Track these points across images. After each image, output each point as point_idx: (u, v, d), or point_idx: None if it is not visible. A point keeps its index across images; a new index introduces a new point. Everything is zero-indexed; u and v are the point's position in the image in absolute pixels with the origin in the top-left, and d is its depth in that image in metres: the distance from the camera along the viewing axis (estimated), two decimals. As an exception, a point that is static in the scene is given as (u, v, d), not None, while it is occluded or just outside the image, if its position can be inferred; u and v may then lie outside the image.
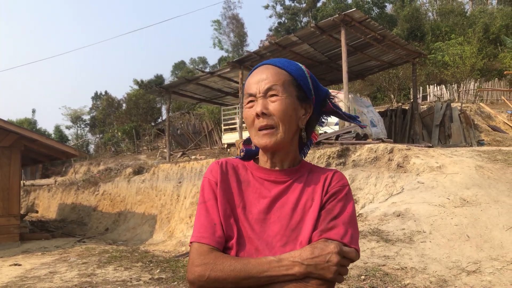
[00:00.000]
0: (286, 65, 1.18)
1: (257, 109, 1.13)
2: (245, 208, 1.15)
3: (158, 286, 5.64)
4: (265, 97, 1.14)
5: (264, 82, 1.14)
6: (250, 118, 1.15)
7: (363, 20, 10.86)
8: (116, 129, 32.96)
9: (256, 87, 1.15)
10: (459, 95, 22.28)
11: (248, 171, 1.22)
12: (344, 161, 8.49)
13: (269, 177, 1.18)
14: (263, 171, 1.20)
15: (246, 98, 1.18)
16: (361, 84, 23.88)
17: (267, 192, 1.16)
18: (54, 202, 18.51)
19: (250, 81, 1.18)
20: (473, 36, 24.98)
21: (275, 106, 1.13)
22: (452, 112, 15.11)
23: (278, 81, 1.14)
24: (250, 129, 1.17)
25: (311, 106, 1.22)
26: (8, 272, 7.14)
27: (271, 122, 1.13)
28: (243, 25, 51.51)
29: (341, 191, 1.15)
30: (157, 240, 10.76)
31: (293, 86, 1.16)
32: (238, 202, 1.16)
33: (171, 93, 16.38)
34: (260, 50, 12.93)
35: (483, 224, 5.27)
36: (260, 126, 1.13)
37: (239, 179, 1.19)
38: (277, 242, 1.09)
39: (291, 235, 1.10)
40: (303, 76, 1.19)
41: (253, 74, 1.19)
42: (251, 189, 1.18)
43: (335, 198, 1.14)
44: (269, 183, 1.18)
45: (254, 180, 1.19)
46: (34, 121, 43.51)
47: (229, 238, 1.11)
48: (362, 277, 4.14)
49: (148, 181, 13.16)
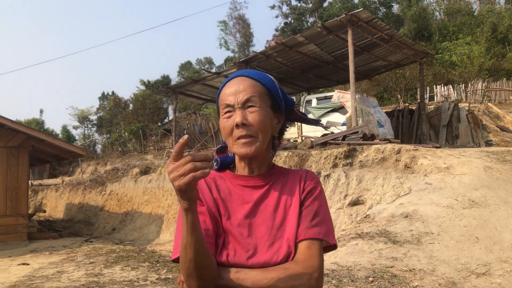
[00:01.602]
0: (260, 77, 1.25)
1: (237, 120, 1.17)
2: (231, 216, 1.20)
3: (165, 286, 5.65)
4: (243, 108, 1.19)
5: (242, 93, 1.19)
6: (229, 128, 1.20)
7: (370, 20, 10.82)
8: (123, 129, 33.08)
9: (234, 98, 1.19)
10: (467, 95, 22.11)
11: (226, 180, 1.27)
12: (351, 162, 8.46)
13: (248, 183, 1.24)
14: (241, 178, 1.25)
15: (223, 108, 1.21)
16: (368, 84, 23.79)
17: (249, 197, 1.22)
18: (61, 202, 18.62)
19: (226, 91, 1.22)
20: (481, 36, 24.81)
21: (254, 117, 1.18)
22: (459, 112, 15.00)
23: (255, 93, 1.20)
24: (228, 138, 1.21)
25: (282, 115, 1.30)
26: (17, 271, 7.19)
27: (250, 132, 1.18)
28: (249, 26, 51.57)
29: (315, 188, 1.24)
30: (163, 240, 10.78)
31: (267, 97, 1.23)
32: (223, 211, 1.20)
33: (178, 93, 16.42)
34: (266, 51, 12.92)
35: (492, 226, 5.23)
36: (240, 135, 1.18)
37: (219, 189, 1.24)
38: (265, 242, 1.16)
39: (276, 234, 1.17)
40: (275, 88, 1.26)
41: (229, 85, 1.23)
42: (232, 196, 1.23)
43: (312, 195, 1.22)
44: (249, 189, 1.23)
45: (234, 188, 1.24)
46: (42, 121, 43.81)
47: (219, 243, 1.17)
48: (370, 278, 4.11)
49: (155, 181, 13.20)
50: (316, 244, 1.15)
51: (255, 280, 1.08)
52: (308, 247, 1.14)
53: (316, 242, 1.15)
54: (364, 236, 5.25)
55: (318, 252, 1.14)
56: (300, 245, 1.15)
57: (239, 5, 58.43)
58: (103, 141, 39.24)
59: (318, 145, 9.89)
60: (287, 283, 1.07)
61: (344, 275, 4.21)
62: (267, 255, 1.14)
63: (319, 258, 1.14)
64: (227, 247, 1.16)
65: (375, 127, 11.70)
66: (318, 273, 1.11)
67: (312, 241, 1.15)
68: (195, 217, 1.01)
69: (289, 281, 1.08)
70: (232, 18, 51.98)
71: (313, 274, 1.10)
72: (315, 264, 1.12)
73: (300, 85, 17.20)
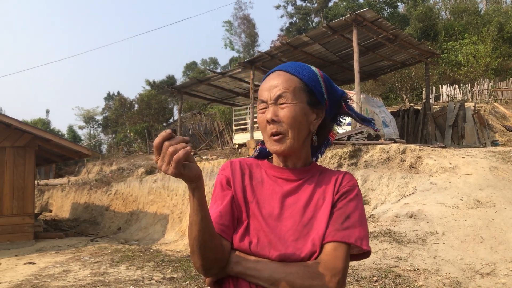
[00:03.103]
0: (298, 71, 1.21)
1: (267, 116, 1.18)
2: (259, 204, 1.18)
3: (170, 286, 5.67)
4: (275, 104, 1.18)
5: (275, 89, 1.18)
6: (263, 124, 1.20)
7: (375, 20, 10.79)
8: (128, 129, 33.18)
9: (268, 94, 1.19)
10: (473, 95, 21.97)
11: (262, 169, 1.26)
12: (356, 162, 8.45)
13: (281, 175, 1.22)
14: (276, 170, 1.24)
15: (259, 104, 1.22)
16: (373, 84, 23.71)
17: (280, 188, 1.20)
18: (67, 201, 18.73)
19: (263, 87, 1.22)
20: (487, 35, 24.62)
21: (285, 113, 1.16)
22: (465, 112, 14.92)
23: (288, 88, 1.17)
24: (263, 133, 1.21)
25: (323, 110, 1.25)
26: (23, 270, 7.25)
27: (280, 129, 1.17)
28: (254, 26, 51.53)
29: (351, 190, 1.18)
30: (169, 240, 10.82)
31: (304, 92, 1.19)
32: (251, 198, 1.19)
33: (183, 93, 16.45)
34: (271, 51, 12.92)
35: (497, 226, 5.20)
36: (271, 132, 1.18)
37: (252, 177, 1.24)
38: (289, 237, 1.13)
39: (303, 230, 1.14)
40: (315, 81, 1.22)
41: (266, 80, 1.23)
42: (264, 186, 1.22)
43: (346, 197, 1.17)
44: (282, 181, 1.22)
45: (267, 178, 1.23)
46: (48, 122, 44.04)
47: (240, 227, 1.16)
48: (374, 278, 4.11)
49: (160, 181, 13.24)
50: (343, 247, 1.10)
51: (273, 272, 1.06)
52: (334, 249, 1.09)
53: (343, 245, 1.10)
54: (369, 236, 5.24)
55: (344, 256, 1.09)
56: (326, 246, 1.10)
57: (244, 5, 58.53)
58: (108, 141, 39.37)
59: (323, 145, 9.87)
60: (304, 280, 1.04)
61: (349, 275, 4.21)
62: (289, 250, 1.10)
63: (344, 262, 1.08)
64: (250, 234, 1.14)
65: (380, 127, 11.67)
66: (340, 276, 1.06)
67: (339, 243, 1.10)
68: (201, 196, 1.04)
69: (307, 279, 1.04)
70: (237, 18, 52.00)
71: (335, 276, 1.05)
72: (338, 266, 1.07)
73: (305, 85, 17.17)
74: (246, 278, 1.09)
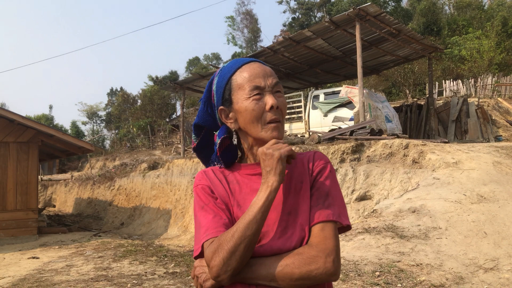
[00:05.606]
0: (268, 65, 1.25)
1: (273, 102, 1.15)
2: (240, 205, 1.18)
3: (172, 280, 5.69)
4: (271, 92, 1.17)
5: (272, 77, 1.18)
6: (259, 111, 1.15)
7: (378, 15, 10.73)
8: (131, 125, 33.27)
9: (264, 81, 1.17)
10: (476, 90, 21.88)
11: (234, 172, 1.25)
12: (358, 157, 8.43)
13: (255, 171, 1.22)
14: (249, 167, 1.24)
15: (252, 90, 1.16)
16: (376, 79, 23.64)
17: (257, 185, 1.19)
18: (70, 196, 18.81)
19: (252, 73, 1.18)
20: (491, 30, 24.49)
21: (282, 102, 1.19)
22: (468, 107, 14.86)
23: (277, 79, 1.21)
24: (256, 121, 1.16)
25: None
26: (27, 264, 7.29)
27: (280, 117, 1.18)
28: (257, 21, 51.46)
29: (325, 168, 1.21)
30: (171, 235, 10.85)
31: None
32: (232, 201, 1.19)
33: (185, 89, 16.45)
34: (274, 46, 12.88)
35: (501, 221, 5.19)
36: (272, 119, 1.16)
37: (228, 180, 1.23)
38: (277, 229, 1.13)
39: (288, 219, 1.14)
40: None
41: (254, 67, 1.19)
42: (241, 186, 1.21)
43: (321, 176, 1.19)
44: (256, 177, 1.21)
45: (242, 178, 1.23)
46: (51, 117, 44.27)
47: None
48: (377, 273, 4.11)
49: (163, 176, 13.27)
50: (330, 226, 1.11)
51: (269, 268, 1.06)
52: (321, 229, 1.10)
53: (329, 224, 1.11)
54: (371, 231, 5.24)
55: (333, 234, 1.10)
56: (314, 228, 1.11)
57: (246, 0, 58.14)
58: (111, 136, 39.48)
59: (325, 140, 9.87)
60: (302, 268, 1.04)
61: (351, 270, 4.21)
62: (279, 242, 1.11)
63: (334, 240, 1.09)
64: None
65: (383, 122, 11.64)
66: (334, 255, 1.07)
67: (325, 223, 1.11)
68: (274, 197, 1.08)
69: (304, 266, 1.04)
70: (240, 13, 51.96)
71: (329, 256, 1.06)
72: (330, 246, 1.07)
73: (308, 80, 17.13)
74: (245, 281, 1.08)
